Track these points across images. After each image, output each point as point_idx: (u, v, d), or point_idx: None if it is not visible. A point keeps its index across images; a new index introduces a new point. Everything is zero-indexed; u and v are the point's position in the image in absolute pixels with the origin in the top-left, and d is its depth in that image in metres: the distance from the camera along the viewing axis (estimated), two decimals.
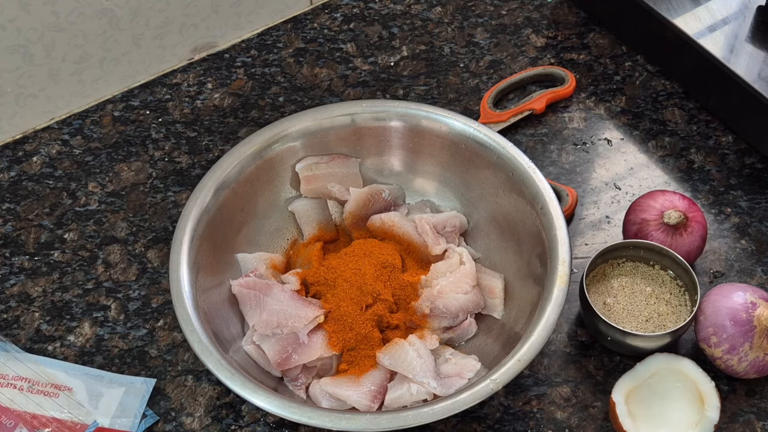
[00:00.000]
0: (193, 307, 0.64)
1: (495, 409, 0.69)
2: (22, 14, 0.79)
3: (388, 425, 0.59)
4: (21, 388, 0.67)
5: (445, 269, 0.71)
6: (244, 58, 0.93)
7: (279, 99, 0.89)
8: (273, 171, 0.75)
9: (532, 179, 0.70)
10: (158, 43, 0.89)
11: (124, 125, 0.87)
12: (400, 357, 0.66)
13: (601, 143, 0.85)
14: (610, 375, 0.70)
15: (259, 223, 0.75)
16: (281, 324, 0.67)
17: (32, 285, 0.76)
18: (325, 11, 0.97)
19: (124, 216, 0.81)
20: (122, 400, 0.68)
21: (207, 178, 0.71)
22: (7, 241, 0.79)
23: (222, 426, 0.68)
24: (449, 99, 0.89)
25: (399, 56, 0.93)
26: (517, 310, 0.70)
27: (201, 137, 0.86)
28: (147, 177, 0.83)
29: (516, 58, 0.92)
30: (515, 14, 0.96)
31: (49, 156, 0.85)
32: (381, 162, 0.78)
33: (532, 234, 0.70)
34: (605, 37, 0.94)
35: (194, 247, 0.68)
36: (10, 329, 0.73)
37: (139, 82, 0.91)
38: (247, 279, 0.70)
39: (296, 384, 0.67)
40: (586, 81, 0.90)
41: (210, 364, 0.61)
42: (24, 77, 0.83)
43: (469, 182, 0.76)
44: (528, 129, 0.86)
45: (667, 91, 0.89)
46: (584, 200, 0.81)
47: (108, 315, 0.74)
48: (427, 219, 0.74)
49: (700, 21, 0.85)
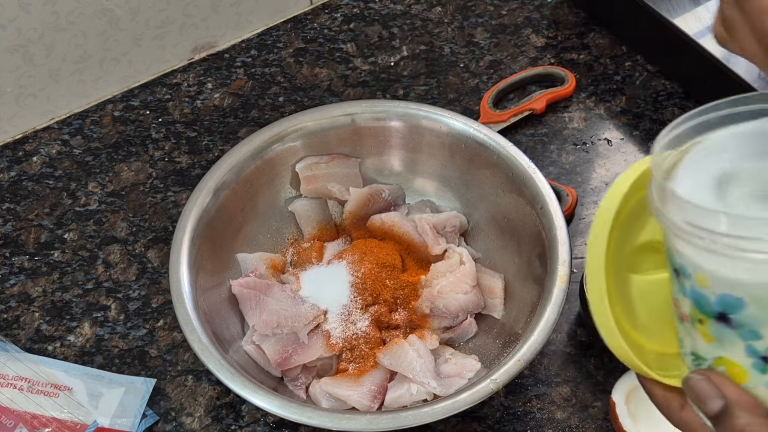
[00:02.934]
0: (193, 307, 0.64)
1: (495, 409, 0.69)
2: (22, 14, 0.79)
3: (388, 425, 0.59)
4: (21, 388, 0.67)
5: (445, 269, 0.71)
6: (244, 58, 0.93)
7: (279, 99, 0.89)
8: (273, 171, 0.75)
9: (532, 179, 0.70)
10: (158, 43, 0.89)
11: (124, 125, 0.87)
12: (400, 357, 0.66)
13: (601, 143, 0.85)
14: (610, 375, 0.70)
15: (259, 223, 0.75)
16: (281, 324, 0.67)
17: (32, 285, 0.76)
18: (325, 11, 0.97)
19: (124, 216, 0.81)
20: (122, 400, 0.68)
21: (207, 178, 0.71)
22: (7, 241, 0.79)
23: (222, 426, 0.68)
24: (449, 99, 0.89)
25: (399, 56, 0.93)
26: (517, 310, 0.70)
27: (201, 137, 0.86)
28: (147, 177, 0.83)
29: (516, 58, 0.92)
30: (515, 14, 0.96)
31: (49, 156, 0.85)
32: (381, 162, 0.78)
33: (532, 234, 0.70)
34: (605, 37, 0.94)
35: (194, 247, 0.68)
36: (10, 329, 0.73)
37: (139, 82, 0.91)
38: (247, 279, 0.70)
39: (296, 384, 0.67)
40: (586, 81, 0.90)
41: (210, 364, 0.61)
42: (24, 77, 0.83)
43: (469, 182, 0.76)
44: (528, 129, 0.86)
45: (667, 91, 0.89)
46: (584, 200, 0.81)
47: (108, 315, 0.74)
48: (427, 219, 0.74)
49: (700, 21, 0.85)
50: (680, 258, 0.41)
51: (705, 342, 0.42)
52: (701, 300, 0.41)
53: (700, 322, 0.42)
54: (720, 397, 0.40)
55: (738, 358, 0.41)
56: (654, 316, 0.47)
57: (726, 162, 0.42)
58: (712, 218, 0.38)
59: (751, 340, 0.40)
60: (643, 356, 0.46)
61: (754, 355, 0.40)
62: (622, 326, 0.45)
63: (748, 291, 0.39)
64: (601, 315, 0.45)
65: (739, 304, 0.39)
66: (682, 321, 0.43)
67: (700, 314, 0.41)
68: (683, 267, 0.41)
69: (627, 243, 0.47)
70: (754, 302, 0.39)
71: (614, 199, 0.45)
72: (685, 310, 0.42)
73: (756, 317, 0.39)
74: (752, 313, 0.39)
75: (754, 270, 0.38)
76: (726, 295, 0.39)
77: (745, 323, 0.40)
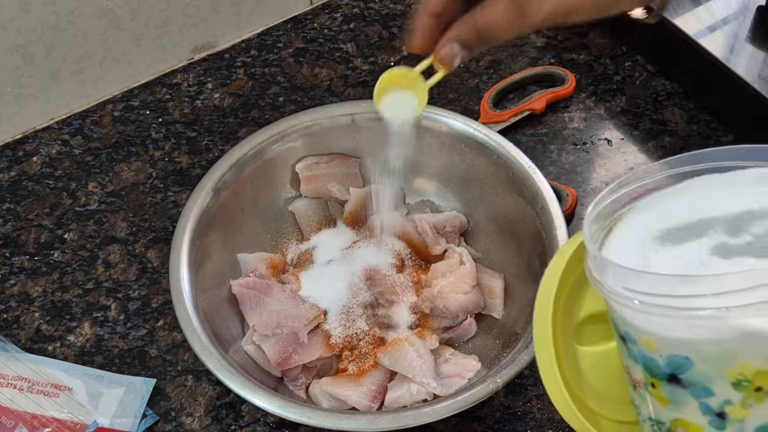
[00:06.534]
0: (193, 307, 0.64)
1: (495, 409, 0.69)
2: (22, 14, 0.79)
3: (388, 425, 0.59)
4: (21, 388, 0.67)
5: (445, 269, 0.71)
6: (244, 58, 0.93)
7: (279, 99, 0.89)
8: (273, 171, 0.75)
9: (532, 179, 0.70)
10: (158, 43, 0.89)
11: (124, 125, 0.87)
12: (401, 357, 0.66)
13: (601, 143, 0.85)
14: None
15: (259, 223, 0.75)
16: (281, 324, 0.67)
17: (32, 285, 0.76)
18: (325, 11, 0.97)
19: (124, 216, 0.81)
20: (122, 400, 0.68)
21: (207, 178, 0.71)
22: (7, 241, 0.79)
23: (222, 426, 0.68)
24: (449, 99, 0.89)
25: (399, 56, 0.93)
26: (517, 310, 0.70)
27: (201, 137, 0.86)
28: (147, 177, 0.83)
29: (516, 58, 0.92)
30: None
31: (49, 156, 0.85)
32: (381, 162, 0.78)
33: (532, 234, 0.70)
34: (605, 37, 0.94)
35: (194, 247, 0.68)
36: (10, 329, 0.73)
37: (139, 82, 0.91)
38: (247, 279, 0.70)
39: (296, 384, 0.67)
40: (586, 81, 0.90)
41: (210, 364, 0.61)
42: (24, 77, 0.83)
43: (469, 182, 0.76)
44: (528, 129, 0.86)
45: (667, 91, 0.89)
46: (584, 200, 0.81)
47: (108, 315, 0.74)
48: (427, 219, 0.74)
49: (700, 21, 0.85)
50: (624, 325, 0.42)
51: (660, 405, 0.42)
52: (650, 363, 0.41)
53: (653, 386, 0.42)
54: None
55: (694, 418, 0.41)
56: (608, 387, 0.48)
57: (653, 221, 0.42)
58: (641, 280, 0.39)
59: (703, 397, 0.40)
60: (602, 428, 0.46)
61: (709, 412, 0.40)
62: (577, 398, 0.46)
63: (692, 348, 0.39)
64: (554, 389, 0.46)
65: (686, 363, 0.39)
66: (636, 388, 0.44)
67: (651, 378, 0.42)
68: (628, 333, 0.42)
69: (572, 317, 0.48)
70: (701, 359, 0.39)
71: (554, 273, 0.46)
72: (637, 376, 0.43)
73: (705, 374, 0.39)
74: (701, 370, 0.39)
75: (693, 328, 0.38)
76: (673, 355, 0.40)
77: (695, 381, 0.40)
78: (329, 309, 0.69)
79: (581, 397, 0.48)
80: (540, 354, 0.47)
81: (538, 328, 0.47)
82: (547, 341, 0.46)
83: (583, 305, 0.49)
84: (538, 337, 0.47)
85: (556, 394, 0.46)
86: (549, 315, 0.46)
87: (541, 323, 0.46)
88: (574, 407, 0.46)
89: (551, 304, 0.46)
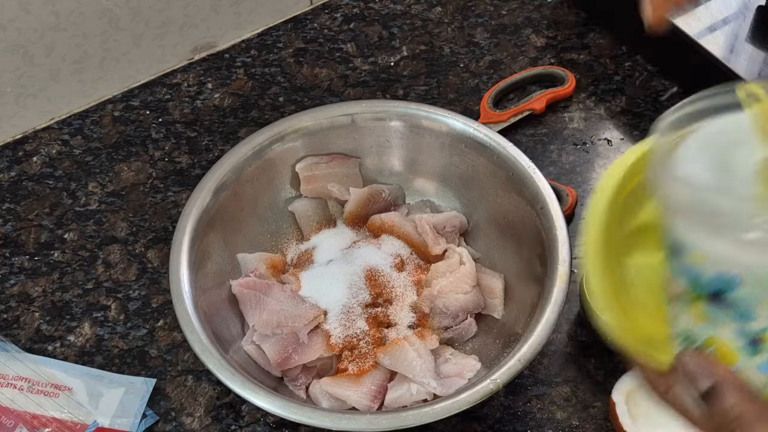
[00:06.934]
0: (193, 307, 0.64)
1: (495, 409, 0.69)
2: (22, 14, 0.79)
3: (388, 425, 0.59)
4: (21, 388, 0.67)
5: (445, 269, 0.71)
6: (244, 58, 0.93)
7: (279, 99, 0.89)
8: (273, 171, 0.75)
9: (532, 179, 0.70)
10: (158, 43, 0.89)
11: (124, 125, 0.87)
12: (400, 357, 0.66)
13: (601, 143, 0.85)
14: (610, 375, 0.70)
15: (259, 223, 0.75)
16: (281, 324, 0.67)
17: (32, 285, 0.76)
18: (325, 11, 0.97)
19: (124, 216, 0.81)
20: (122, 400, 0.68)
21: (207, 178, 0.71)
22: (7, 241, 0.79)
23: (222, 426, 0.68)
24: (449, 99, 0.89)
25: (399, 56, 0.93)
26: (517, 310, 0.70)
27: (201, 137, 0.86)
28: (147, 177, 0.83)
29: (516, 58, 0.92)
30: (515, 14, 0.96)
31: (49, 156, 0.85)
32: (381, 162, 0.78)
33: (532, 234, 0.70)
34: (605, 37, 0.94)
35: (194, 247, 0.68)
36: (10, 329, 0.73)
37: (139, 82, 0.91)
38: (247, 279, 0.70)
39: (296, 384, 0.67)
40: (586, 81, 0.90)
41: (210, 364, 0.61)
42: (24, 77, 0.83)
43: (469, 182, 0.76)
44: (528, 129, 0.86)
45: (667, 91, 0.89)
46: (584, 200, 0.81)
47: (108, 315, 0.74)
48: (427, 219, 0.74)
49: (700, 21, 0.85)
50: (678, 236, 0.41)
51: (697, 322, 0.42)
52: (697, 278, 0.41)
53: (694, 301, 0.42)
54: (710, 375, 0.41)
55: (729, 339, 0.41)
56: (645, 299, 0.47)
57: (727, 145, 0.42)
58: (714, 197, 0.39)
59: (743, 321, 0.40)
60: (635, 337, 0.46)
61: (744, 336, 0.40)
62: (614, 304, 0.46)
63: (743, 268, 0.39)
64: (597, 289, 0.45)
65: (734, 282, 0.39)
66: (675, 300, 0.43)
67: (694, 293, 0.41)
68: (681, 245, 0.41)
69: (623, 226, 0.48)
70: (749, 281, 0.39)
71: (611, 180, 0.46)
72: (679, 289, 0.43)
73: (750, 297, 0.39)
74: (748, 291, 0.39)
75: (750, 246, 0.38)
76: (721, 273, 0.40)
77: (739, 302, 0.40)
78: (329, 309, 0.69)
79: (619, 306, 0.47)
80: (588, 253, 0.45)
81: (590, 227, 0.46)
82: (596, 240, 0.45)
83: (636, 216, 0.48)
84: (589, 235, 0.46)
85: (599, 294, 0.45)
86: (602, 219, 0.45)
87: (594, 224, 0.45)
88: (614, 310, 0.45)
89: (605, 209, 0.45)
